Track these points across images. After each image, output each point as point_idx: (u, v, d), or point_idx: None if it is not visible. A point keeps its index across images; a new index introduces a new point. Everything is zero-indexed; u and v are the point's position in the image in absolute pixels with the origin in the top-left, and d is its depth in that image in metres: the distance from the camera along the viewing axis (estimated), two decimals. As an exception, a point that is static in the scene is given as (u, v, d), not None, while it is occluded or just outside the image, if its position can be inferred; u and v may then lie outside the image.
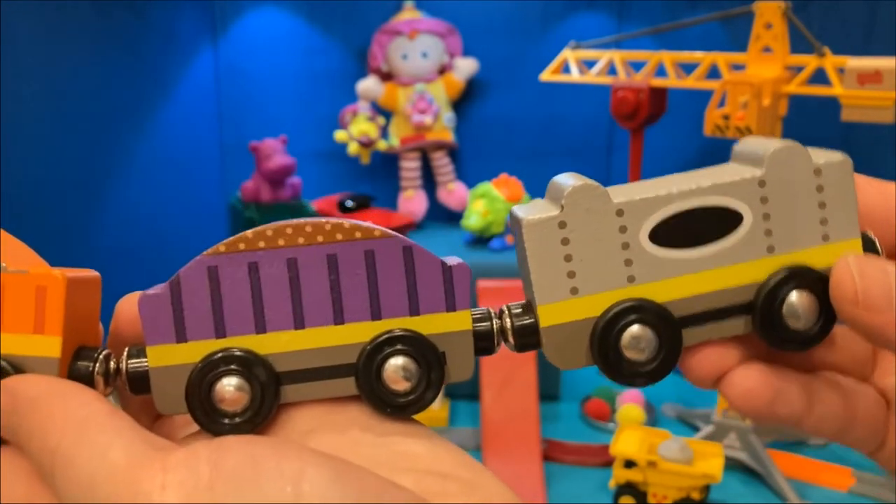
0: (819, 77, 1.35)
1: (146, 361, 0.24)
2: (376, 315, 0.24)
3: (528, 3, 1.89)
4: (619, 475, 1.29)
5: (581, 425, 1.62)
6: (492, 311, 0.26)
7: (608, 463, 1.39)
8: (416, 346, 0.24)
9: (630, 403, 1.60)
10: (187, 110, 1.89)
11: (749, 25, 1.42)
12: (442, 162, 1.91)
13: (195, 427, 0.25)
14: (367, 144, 1.80)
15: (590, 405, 1.64)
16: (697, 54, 1.48)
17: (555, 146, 1.94)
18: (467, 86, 1.90)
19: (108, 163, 1.72)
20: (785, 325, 0.25)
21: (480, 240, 1.76)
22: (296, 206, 1.59)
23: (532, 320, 0.25)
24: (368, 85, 1.85)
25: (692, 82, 1.47)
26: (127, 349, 0.24)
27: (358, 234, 0.24)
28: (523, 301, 0.26)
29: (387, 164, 1.94)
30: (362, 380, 0.24)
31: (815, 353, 0.26)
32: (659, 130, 1.65)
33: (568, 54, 1.65)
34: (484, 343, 0.25)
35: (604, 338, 0.24)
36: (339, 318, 0.24)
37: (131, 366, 0.24)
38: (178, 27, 1.86)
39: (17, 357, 0.23)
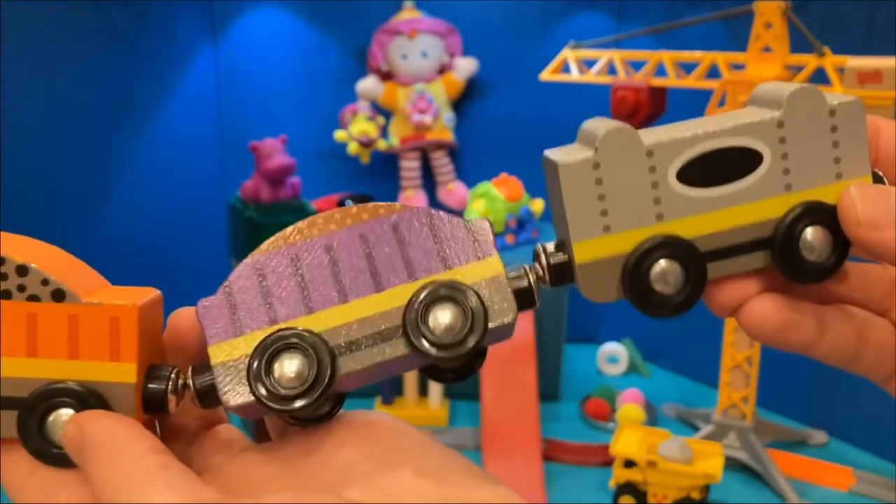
0: (819, 77, 1.35)
1: (209, 375, 0.25)
2: (413, 277, 0.26)
3: (528, 2, 1.89)
4: (619, 475, 1.29)
5: (581, 425, 1.62)
6: (527, 267, 0.27)
7: (608, 463, 1.39)
8: (456, 293, 0.25)
9: (630, 403, 1.60)
10: (187, 110, 1.89)
11: (749, 25, 1.42)
12: (442, 161, 1.91)
13: (241, 441, 0.27)
14: (366, 144, 1.80)
15: (590, 405, 1.64)
16: (697, 54, 1.48)
17: (555, 146, 1.93)
18: (467, 85, 1.90)
19: (108, 162, 1.72)
20: (802, 257, 0.26)
21: (480, 239, 1.76)
22: (296, 206, 1.59)
23: (566, 257, 0.26)
24: (368, 85, 1.85)
25: (692, 82, 1.47)
26: (192, 367, 0.26)
27: (381, 211, 0.26)
28: (556, 241, 0.27)
29: (387, 164, 1.94)
30: (412, 337, 0.25)
31: (833, 288, 0.27)
32: (659, 130, 1.65)
33: (568, 54, 1.65)
34: (526, 299, 0.26)
35: (635, 272, 0.26)
36: (378, 287, 0.26)
37: (198, 382, 0.25)
38: (178, 27, 1.86)
39: (95, 383, 0.24)
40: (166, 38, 1.83)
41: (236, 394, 0.25)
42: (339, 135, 1.81)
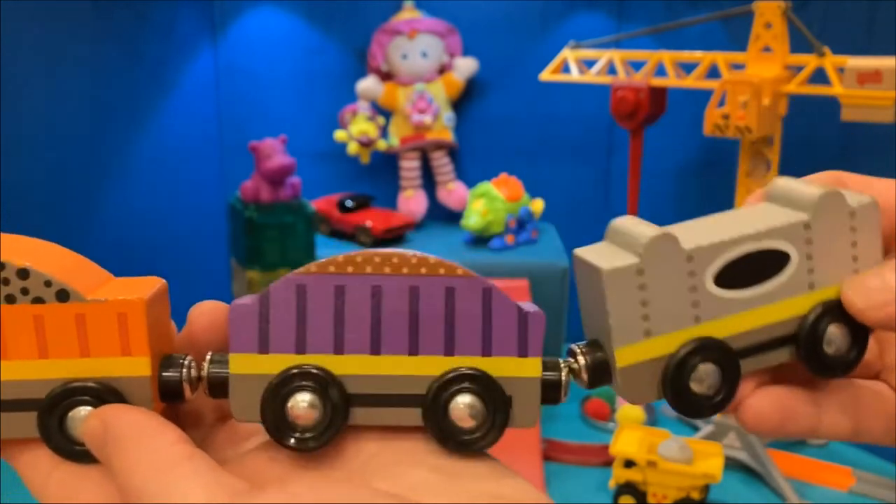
0: (819, 77, 1.35)
1: (227, 369, 0.25)
2: (449, 350, 0.25)
3: (528, 2, 1.89)
4: (619, 475, 1.29)
5: (581, 425, 1.62)
6: (561, 361, 0.26)
7: (608, 463, 1.39)
8: (485, 386, 0.25)
9: (630, 403, 1.60)
10: (187, 110, 1.89)
11: (749, 25, 1.42)
12: (442, 162, 1.91)
13: (256, 436, 0.27)
14: (366, 144, 1.80)
15: (590, 405, 1.64)
16: (697, 54, 1.48)
17: (555, 146, 1.94)
18: (467, 85, 1.90)
19: (108, 162, 1.72)
20: (825, 353, 0.27)
21: (480, 239, 1.76)
22: (296, 206, 1.59)
23: (604, 357, 0.26)
24: (368, 85, 1.85)
25: (692, 82, 1.47)
26: (209, 355, 0.26)
27: (441, 270, 0.25)
28: (587, 340, 0.27)
29: (386, 164, 1.94)
30: (429, 413, 0.25)
31: None
32: (659, 130, 1.65)
33: (567, 54, 1.65)
34: (552, 393, 0.26)
35: (675, 376, 0.26)
36: (413, 349, 0.25)
37: (212, 372, 0.25)
38: (178, 27, 1.86)
39: (110, 379, 0.24)
40: (166, 38, 1.83)
41: (246, 410, 0.25)
42: (339, 135, 1.81)
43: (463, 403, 0.25)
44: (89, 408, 0.24)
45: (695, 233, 0.27)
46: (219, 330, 0.26)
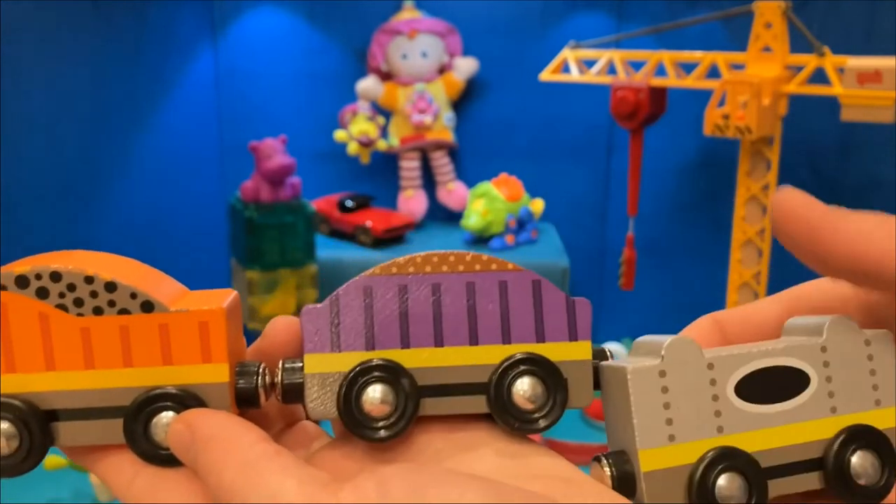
0: (819, 77, 1.35)
1: (300, 376, 0.26)
2: (506, 339, 0.27)
3: (528, 2, 1.89)
4: (619, 475, 1.29)
5: (581, 425, 1.62)
6: (607, 350, 0.28)
7: (608, 463, 1.39)
8: (543, 368, 0.27)
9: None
10: (187, 110, 1.89)
11: (749, 25, 1.42)
12: (442, 162, 1.91)
13: (322, 439, 0.29)
14: (366, 144, 1.80)
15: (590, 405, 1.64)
16: (697, 54, 1.48)
17: (555, 146, 1.94)
18: (467, 85, 1.90)
19: (108, 162, 1.72)
20: (853, 482, 0.27)
21: (480, 239, 1.76)
22: (296, 206, 1.59)
23: (630, 468, 0.26)
24: (368, 85, 1.85)
25: (692, 82, 1.47)
26: (282, 362, 0.27)
27: (494, 266, 0.27)
28: (614, 450, 0.28)
29: (386, 164, 1.94)
30: (493, 398, 0.26)
31: None
32: (659, 130, 1.65)
33: (567, 54, 1.65)
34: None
35: (701, 484, 0.26)
36: (473, 340, 0.27)
37: (286, 378, 0.26)
38: (177, 27, 1.86)
39: (191, 386, 0.26)
40: (166, 38, 1.83)
41: (323, 407, 0.26)
42: (339, 135, 1.81)
43: (524, 386, 0.26)
44: (172, 413, 0.25)
45: (723, 347, 0.28)
46: (293, 343, 0.28)
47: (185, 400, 0.25)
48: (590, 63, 1.62)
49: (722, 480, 0.26)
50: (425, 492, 0.21)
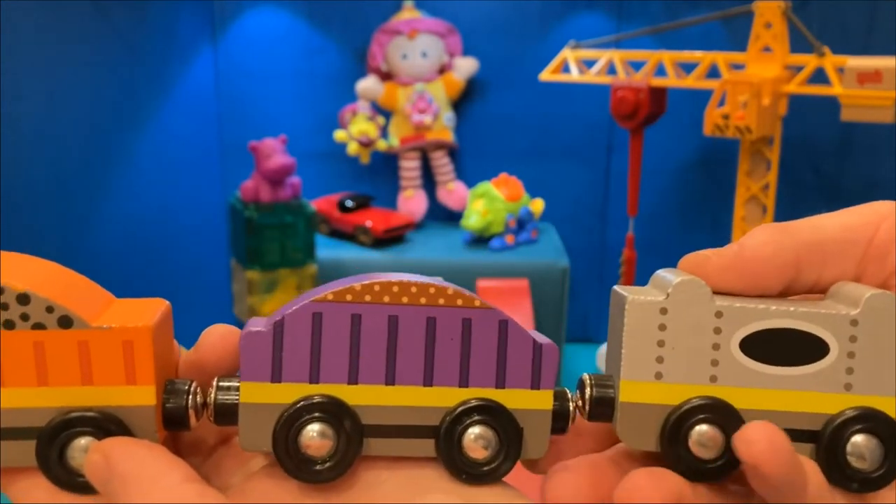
0: (819, 77, 1.35)
1: (235, 395, 0.25)
2: (464, 382, 0.25)
3: (527, 3, 1.89)
4: (619, 475, 1.29)
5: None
6: (569, 392, 0.26)
7: (608, 463, 1.39)
8: (499, 417, 0.25)
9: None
10: (187, 110, 1.89)
11: (749, 25, 1.42)
12: (442, 162, 1.91)
13: (259, 458, 0.27)
14: (366, 144, 1.80)
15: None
16: (697, 54, 1.48)
17: (555, 146, 1.94)
18: (467, 85, 1.90)
19: (108, 162, 1.72)
20: (846, 462, 0.25)
21: (480, 239, 1.76)
22: (296, 206, 1.59)
23: (612, 393, 0.26)
24: (368, 85, 1.85)
25: (692, 82, 1.47)
26: (216, 381, 0.25)
27: (459, 302, 0.25)
28: (604, 373, 0.27)
29: (386, 164, 1.94)
30: (443, 444, 0.25)
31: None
32: (659, 130, 1.65)
33: (567, 54, 1.65)
34: (560, 423, 0.26)
35: (675, 428, 0.25)
36: (428, 380, 0.25)
37: (220, 398, 0.25)
38: (178, 27, 1.86)
39: (112, 408, 0.24)
40: (166, 38, 1.83)
41: (256, 440, 0.24)
42: (339, 135, 1.81)
43: (476, 435, 0.25)
44: (91, 438, 0.24)
45: (738, 297, 0.26)
46: (229, 356, 0.26)
47: (105, 424, 0.23)
48: (590, 63, 1.62)
49: (698, 430, 0.25)
50: None
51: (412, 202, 1.91)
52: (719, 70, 1.44)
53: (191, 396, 0.25)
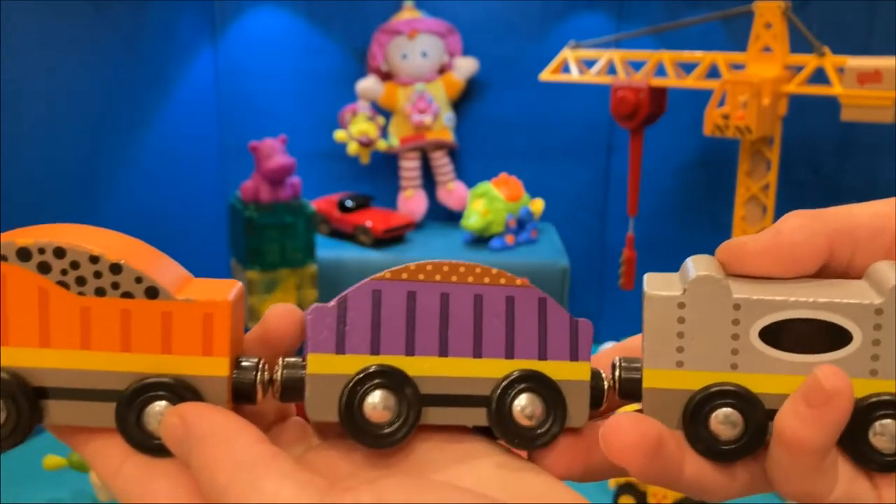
0: (819, 77, 1.35)
1: (300, 373, 0.26)
2: (510, 354, 0.27)
3: (527, 3, 1.89)
4: (619, 475, 1.29)
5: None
6: (602, 372, 0.28)
7: (608, 463, 1.39)
8: (545, 386, 0.27)
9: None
10: (187, 110, 1.89)
11: (749, 25, 1.42)
12: (442, 162, 1.91)
13: (307, 440, 0.28)
14: (366, 144, 1.80)
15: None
16: (697, 54, 1.48)
17: (555, 146, 1.94)
18: (467, 85, 1.90)
19: (108, 162, 1.72)
20: (871, 445, 0.26)
21: (480, 239, 1.76)
22: (296, 206, 1.59)
23: (638, 376, 0.27)
24: (368, 85, 1.85)
25: (692, 82, 1.47)
26: (282, 359, 0.27)
27: (502, 280, 0.27)
28: (637, 357, 0.28)
29: (386, 164, 1.94)
30: (494, 412, 0.26)
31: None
32: (659, 130, 1.65)
33: (567, 54, 1.64)
34: (595, 399, 0.28)
35: (696, 411, 0.27)
36: (477, 352, 0.27)
37: (286, 375, 0.26)
38: (178, 27, 1.86)
39: (188, 377, 0.25)
40: (166, 38, 1.83)
41: (323, 409, 0.26)
42: (339, 135, 1.81)
43: (524, 403, 0.26)
44: (166, 403, 0.25)
45: (759, 286, 0.27)
46: (292, 333, 0.27)
47: (180, 391, 0.25)
48: (590, 63, 1.62)
49: (718, 413, 0.26)
50: None
51: (412, 202, 1.91)
52: (719, 70, 1.44)
53: (259, 372, 0.26)
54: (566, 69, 1.64)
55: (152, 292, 0.24)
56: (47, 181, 1.56)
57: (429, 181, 1.94)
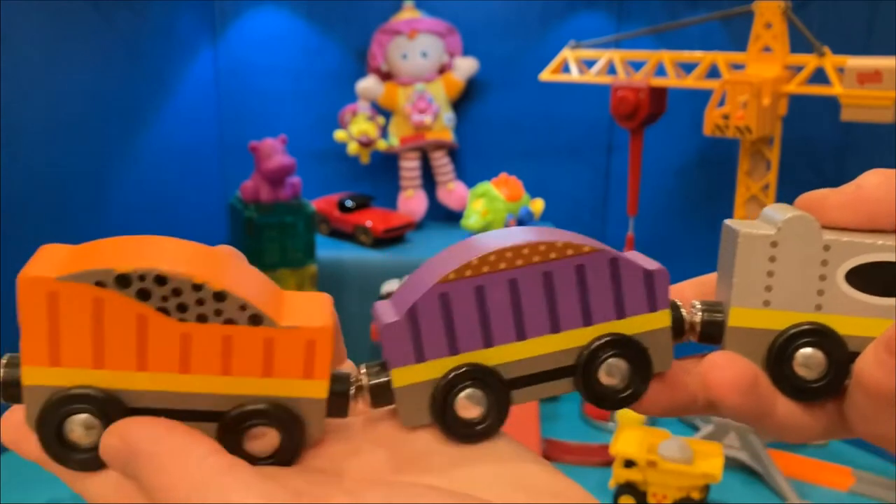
0: (819, 77, 1.35)
1: (386, 378, 0.26)
2: (588, 321, 0.27)
3: (527, 2, 1.89)
4: (619, 475, 1.29)
5: (581, 425, 1.62)
6: (679, 305, 0.29)
7: (608, 463, 1.39)
8: (627, 347, 0.27)
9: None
10: (187, 110, 1.89)
11: (749, 25, 1.42)
12: (442, 162, 1.91)
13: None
14: (366, 144, 1.80)
15: (590, 405, 1.64)
16: (697, 54, 1.48)
17: (555, 146, 1.94)
18: (467, 85, 1.90)
19: (108, 163, 1.72)
20: None
21: (480, 239, 1.76)
22: (296, 206, 1.59)
23: (721, 317, 0.28)
24: (368, 84, 1.85)
25: (692, 82, 1.47)
26: (364, 368, 0.27)
27: (569, 252, 0.27)
28: (714, 301, 0.29)
29: (386, 164, 1.94)
30: (581, 379, 0.27)
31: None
32: (659, 130, 1.65)
33: (567, 54, 1.64)
34: (677, 332, 0.28)
35: (781, 351, 0.27)
36: (555, 328, 0.27)
37: (373, 383, 0.27)
38: (178, 27, 1.86)
39: (285, 399, 0.25)
40: (166, 38, 1.83)
41: (416, 416, 0.27)
42: (339, 135, 1.81)
43: (610, 365, 0.27)
44: (266, 427, 0.25)
45: (843, 232, 0.27)
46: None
47: (279, 413, 0.25)
48: (590, 63, 1.62)
49: (802, 353, 0.27)
50: None
51: (412, 202, 1.91)
52: (719, 70, 1.44)
53: (352, 387, 0.26)
54: (566, 69, 1.64)
55: (256, 319, 0.24)
56: (47, 181, 1.56)
57: (429, 181, 1.94)
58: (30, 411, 0.24)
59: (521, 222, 1.76)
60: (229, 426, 0.25)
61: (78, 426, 0.24)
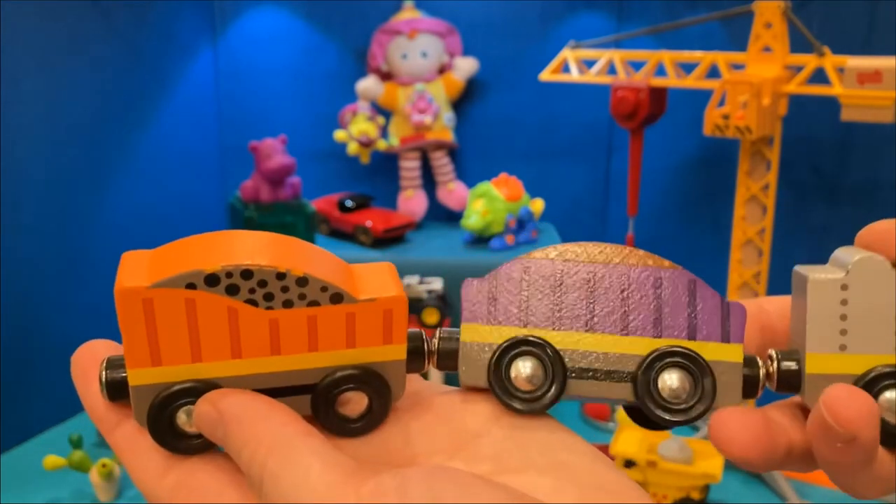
0: (819, 77, 1.35)
1: (454, 344, 0.28)
2: (657, 334, 0.27)
3: (527, 3, 1.89)
4: (619, 475, 1.29)
5: (581, 425, 1.62)
6: (759, 360, 0.28)
7: (608, 463, 1.39)
8: (694, 363, 0.27)
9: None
10: (187, 110, 1.89)
11: (749, 25, 1.42)
12: (442, 162, 1.91)
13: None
14: (366, 144, 1.80)
15: (589, 405, 1.64)
16: (697, 54, 1.48)
17: (555, 146, 1.94)
18: (467, 85, 1.90)
19: (108, 163, 1.72)
20: None
21: (480, 239, 1.76)
22: (295, 206, 1.59)
23: (796, 367, 0.27)
24: (368, 84, 1.85)
25: (692, 82, 1.47)
26: (439, 331, 0.28)
27: (650, 262, 0.28)
28: (788, 349, 0.28)
29: (386, 164, 1.94)
30: (640, 386, 0.27)
31: None
32: (659, 130, 1.65)
33: (567, 54, 1.64)
34: (750, 387, 0.28)
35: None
36: (624, 330, 0.27)
37: (442, 346, 0.28)
38: (178, 27, 1.86)
39: (371, 364, 0.27)
40: (166, 38, 1.83)
41: (473, 376, 0.27)
42: (339, 135, 1.81)
43: (671, 378, 0.27)
44: (357, 392, 0.27)
45: None
46: None
47: (367, 378, 0.27)
48: (590, 63, 1.62)
49: (884, 397, 0.26)
50: (444, 497, 0.21)
51: (412, 202, 1.91)
52: (719, 70, 1.44)
53: (426, 344, 0.28)
54: (566, 69, 1.64)
55: (337, 298, 0.26)
56: (47, 181, 1.56)
57: (429, 181, 1.94)
58: (138, 409, 0.26)
59: (521, 222, 1.76)
60: (322, 394, 0.26)
61: (185, 417, 0.26)
